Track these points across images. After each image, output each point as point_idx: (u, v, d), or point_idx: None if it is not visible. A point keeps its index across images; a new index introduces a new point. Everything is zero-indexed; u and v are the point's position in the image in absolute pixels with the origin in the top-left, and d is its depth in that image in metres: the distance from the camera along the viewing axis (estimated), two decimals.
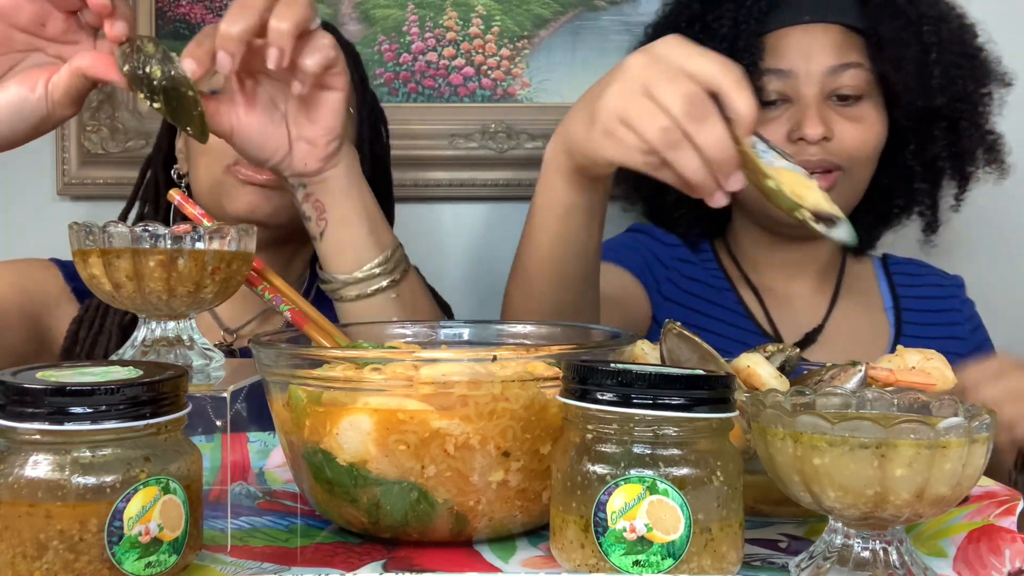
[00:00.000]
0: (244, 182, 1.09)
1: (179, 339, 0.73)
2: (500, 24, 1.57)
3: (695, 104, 0.75)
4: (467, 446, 0.65)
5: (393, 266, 0.95)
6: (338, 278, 0.95)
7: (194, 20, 1.56)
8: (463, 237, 1.61)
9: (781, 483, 0.61)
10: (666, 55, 0.77)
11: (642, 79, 0.76)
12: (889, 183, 1.29)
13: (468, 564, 0.64)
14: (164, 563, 0.56)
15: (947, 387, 0.77)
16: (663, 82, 0.75)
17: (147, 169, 1.26)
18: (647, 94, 0.76)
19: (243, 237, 0.73)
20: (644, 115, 0.76)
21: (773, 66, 1.19)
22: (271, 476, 0.85)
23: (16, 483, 0.53)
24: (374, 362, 0.66)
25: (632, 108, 0.76)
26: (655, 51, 0.77)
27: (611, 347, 0.72)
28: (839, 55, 1.18)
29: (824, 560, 0.60)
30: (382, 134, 1.32)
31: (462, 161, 1.58)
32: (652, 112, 0.75)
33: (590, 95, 0.83)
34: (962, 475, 0.57)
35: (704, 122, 0.75)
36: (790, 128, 1.18)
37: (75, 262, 0.72)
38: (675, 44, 0.78)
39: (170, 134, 1.25)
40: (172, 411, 0.57)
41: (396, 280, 0.95)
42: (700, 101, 0.75)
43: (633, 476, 0.57)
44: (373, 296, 0.95)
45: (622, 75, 0.78)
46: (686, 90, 0.75)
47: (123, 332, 1.17)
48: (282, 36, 0.81)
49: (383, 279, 0.95)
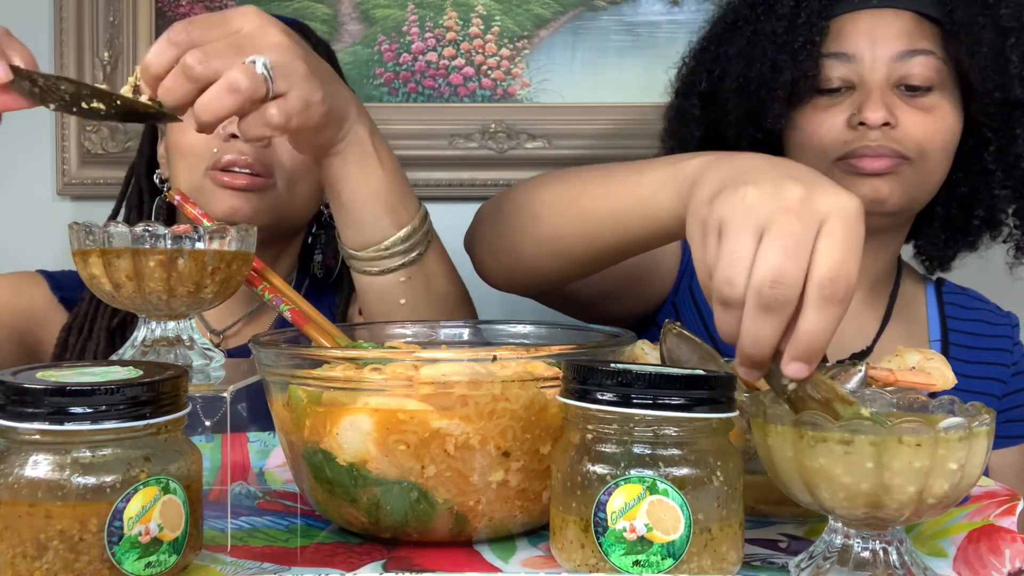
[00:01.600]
0: (223, 186, 1.10)
1: (179, 339, 0.73)
2: (500, 24, 1.58)
3: (776, 288, 0.61)
4: (467, 446, 0.65)
5: (406, 249, 0.91)
6: (346, 249, 0.93)
7: None
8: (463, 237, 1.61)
9: (781, 483, 0.61)
10: (825, 214, 0.63)
11: (774, 215, 0.63)
12: (968, 191, 1.19)
13: (468, 564, 0.64)
14: (164, 563, 0.56)
15: (947, 387, 0.77)
16: (779, 241, 0.62)
17: (131, 175, 1.27)
18: (760, 234, 0.63)
19: (243, 237, 0.73)
20: (732, 253, 0.63)
21: (836, 50, 1.12)
22: (271, 476, 0.85)
23: (16, 483, 0.53)
24: (374, 362, 0.66)
25: (734, 237, 0.64)
26: (819, 199, 0.63)
27: (611, 347, 0.72)
28: (909, 41, 1.11)
29: (824, 560, 0.60)
30: None
31: (462, 161, 1.58)
32: (739, 257, 0.63)
33: (742, 167, 0.70)
34: (962, 474, 0.57)
35: (766, 313, 0.62)
36: (851, 113, 1.10)
37: (75, 262, 0.72)
38: (844, 211, 0.63)
39: (152, 140, 1.26)
40: (172, 411, 0.57)
41: (407, 263, 0.91)
42: (786, 292, 0.61)
43: (633, 476, 0.57)
44: (381, 275, 0.92)
45: (772, 190, 0.64)
46: (785, 269, 0.61)
47: (110, 337, 1.18)
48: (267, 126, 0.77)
49: (391, 261, 0.91)
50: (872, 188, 1.09)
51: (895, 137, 1.09)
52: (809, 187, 0.63)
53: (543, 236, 0.91)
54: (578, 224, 0.88)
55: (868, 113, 1.08)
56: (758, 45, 1.14)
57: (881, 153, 1.09)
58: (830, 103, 1.12)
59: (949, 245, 1.25)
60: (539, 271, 0.94)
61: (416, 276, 0.92)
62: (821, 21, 1.13)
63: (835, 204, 0.62)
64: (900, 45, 1.11)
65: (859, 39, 1.12)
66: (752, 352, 0.62)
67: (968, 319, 1.27)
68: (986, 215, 1.22)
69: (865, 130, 1.09)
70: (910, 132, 1.09)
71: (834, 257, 0.61)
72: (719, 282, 0.63)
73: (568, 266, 0.92)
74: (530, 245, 0.93)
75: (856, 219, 0.62)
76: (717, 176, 0.71)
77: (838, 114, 1.11)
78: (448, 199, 1.60)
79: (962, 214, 1.22)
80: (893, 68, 1.11)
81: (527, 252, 0.94)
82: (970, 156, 1.17)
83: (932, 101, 1.11)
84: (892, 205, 1.11)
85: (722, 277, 0.63)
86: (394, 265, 0.91)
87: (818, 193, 0.63)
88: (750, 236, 0.63)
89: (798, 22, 1.12)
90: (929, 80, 1.11)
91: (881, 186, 1.09)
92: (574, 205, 0.88)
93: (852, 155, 1.09)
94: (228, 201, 1.10)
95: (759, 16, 1.16)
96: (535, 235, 0.92)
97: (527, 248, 0.93)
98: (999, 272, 1.28)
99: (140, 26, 1.56)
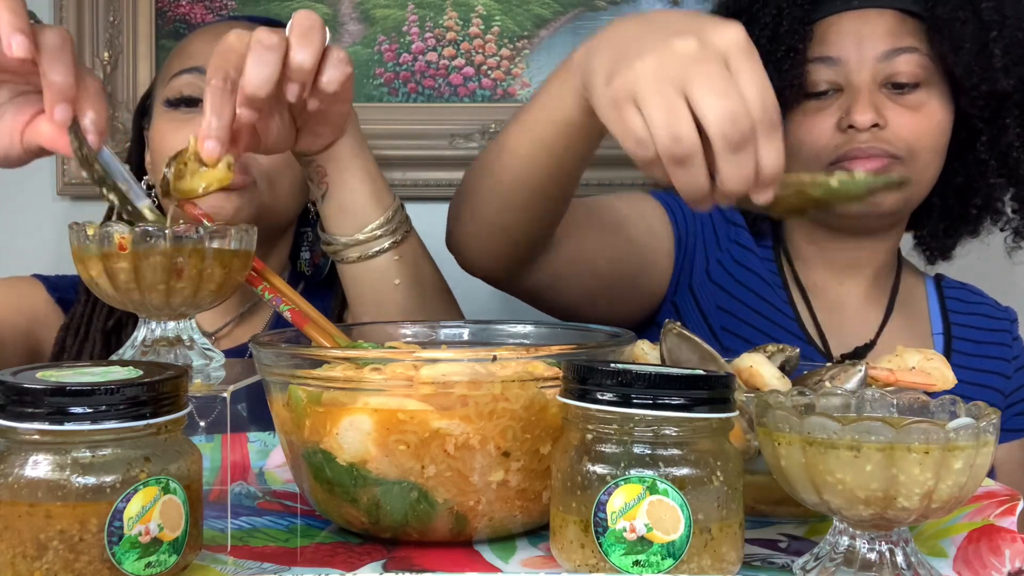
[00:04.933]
0: None
1: (179, 339, 0.73)
2: (500, 24, 1.58)
3: (738, 126, 0.65)
4: (467, 446, 0.65)
5: (395, 227, 0.94)
6: (339, 240, 0.94)
7: (194, 20, 1.56)
8: None
9: (787, 484, 0.61)
10: (724, 52, 0.67)
11: (684, 70, 0.66)
12: (963, 181, 1.19)
13: (468, 564, 0.64)
14: (164, 563, 0.56)
15: (947, 387, 0.77)
16: (709, 87, 0.65)
17: None
18: (682, 90, 0.66)
19: (243, 237, 0.73)
20: (666, 113, 0.66)
21: (821, 54, 1.12)
22: (271, 476, 0.85)
23: (16, 483, 0.53)
24: (374, 362, 0.66)
25: (655, 98, 0.66)
26: (713, 43, 0.67)
27: (611, 347, 0.72)
28: (893, 40, 1.11)
29: (830, 562, 0.60)
30: None
31: (462, 161, 1.58)
32: (675, 114, 0.66)
33: (622, 40, 0.73)
34: (970, 475, 0.58)
35: (740, 152, 0.66)
36: (840, 117, 1.11)
37: (75, 262, 0.72)
38: (737, 44, 0.67)
39: (139, 148, 1.27)
40: (172, 411, 0.57)
41: (398, 241, 0.95)
42: (745, 127, 0.65)
43: (633, 476, 0.57)
44: (375, 257, 0.94)
45: (664, 50, 0.67)
46: (733, 107, 0.65)
47: (106, 338, 1.18)
48: (303, 72, 0.79)
49: (385, 240, 0.94)
50: None
51: (885, 138, 1.10)
52: (695, 34, 0.67)
53: (493, 192, 0.93)
54: (513, 165, 0.89)
55: (856, 116, 1.09)
56: None
57: (872, 154, 1.09)
58: (819, 107, 1.13)
59: (949, 235, 1.26)
60: (506, 231, 0.95)
61: (406, 255, 0.95)
62: (804, 26, 1.13)
63: (726, 40, 0.67)
64: (884, 44, 1.11)
65: (843, 41, 1.12)
66: (737, 188, 0.67)
67: (968, 312, 1.27)
68: (983, 203, 1.22)
69: (855, 132, 1.10)
70: (899, 132, 1.10)
71: (755, 87, 0.66)
72: (668, 141, 0.66)
73: (523, 213, 0.93)
74: (487, 206, 0.94)
75: (748, 45, 0.67)
76: (604, 58, 0.73)
77: (827, 118, 1.12)
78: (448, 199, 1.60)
79: (960, 204, 1.22)
80: (879, 68, 1.11)
81: (487, 213, 0.95)
82: (963, 147, 1.17)
83: (920, 98, 1.12)
84: (888, 205, 1.12)
85: (669, 136, 0.66)
86: (387, 245, 0.94)
87: (706, 35, 0.67)
88: (674, 94, 0.66)
89: (781, 30, 1.13)
90: (916, 76, 1.11)
91: None
92: (503, 151, 0.90)
93: (844, 158, 1.10)
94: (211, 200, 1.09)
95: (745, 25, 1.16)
96: (487, 194, 0.94)
97: (486, 210, 0.95)
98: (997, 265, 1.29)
99: (140, 26, 1.56)
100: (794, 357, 0.83)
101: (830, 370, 0.78)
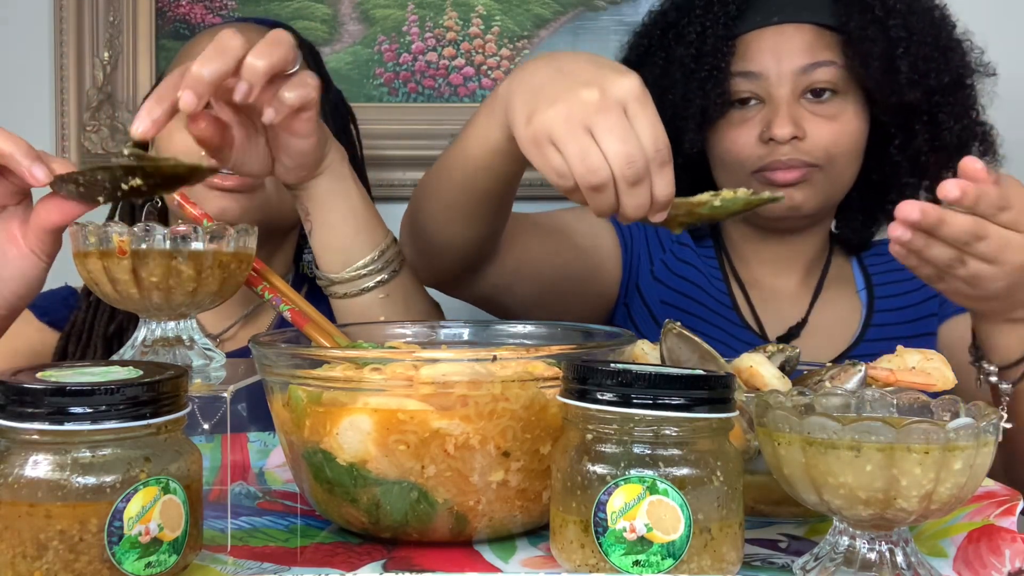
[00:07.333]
0: (212, 187, 1.10)
1: (179, 339, 0.73)
2: (500, 24, 1.57)
3: (634, 167, 0.77)
4: (467, 446, 0.65)
5: (381, 266, 0.96)
6: (326, 275, 0.96)
7: (194, 20, 1.56)
8: None
9: (788, 485, 0.61)
10: (622, 101, 0.78)
11: (589, 117, 0.78)
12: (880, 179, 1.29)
13: (468, 564, 0.64)
14: (164, 563, 0.56)
15: (947, 387, 0.77)
16: (611, 133, 0.77)
17: None
18: (590, 132, 0.78)
19: (243, 237, 0.73)
20: (580, 151, 0.78)
21: (743, 69, 1.19)
22: (271, 476, 0.85)
23: (16, 483, 0.53)
24: (374, 362, 0.66)
25: (569, 139, 0.78)
26: (613, 92, 0.78)
27: (611, 347, 0.72)
28: (811, 54, 1.18)
29: (830, 562, 0.60)
30: (351, 132, 1.32)
31: None
32: (588, 152, 0.78)
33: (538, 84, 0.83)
34: (970, 475, 0.58)
35: (636, 187, 0.78)
36: (761, 129, 1.18)
37: (75, 263, 0.72)
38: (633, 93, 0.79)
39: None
40: (172, 411, 0.57)
41: (384, 280, 0.96)
42: (640, 167, 0.77)
43: (633, 476, 0.57)
44: (361, 295, 0.96)
45: (573, 99, 0.79)
46: (630, 151, 0.77)
47: (107, 344, 1.18)
48: (255, 73, 0.80)
49: (370, 279, 0.96)
50: (788, 197, 1.15)
51: (804, 149, 1.17)
52: (598, 84, 0.79)
53: (436, 211, 1.00)
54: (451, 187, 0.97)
55: (776, 129, 1.16)
56: (669, 75, 1.22)
57: (792, 165, 1.17)
58: (742, 118, 1.20)
59: (867, 226, 1.34)
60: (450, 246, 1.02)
61: (394, 293, 0.97)
62: (726, 42, 1.20)
63: (623, 89, 0.79)
64: (803, 59, 1.18)
65: (764, 56, 1.19)
66: (636, 215, 0.80)
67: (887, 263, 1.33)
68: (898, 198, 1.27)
69: (775, 145, 1.17)
70: (818, 142, 1.17)
71: (648, 131, 0.78)
72: (585, 175, 0.78)
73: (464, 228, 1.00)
74: (431, 224, 1.01)
75: (643, 93, 0.79)
76: (523, 101, 0.83)
77: (750, 130, 1.19)
78: None
79: (877, 199, 1.31)
80: (798, 81, 1.18)
81: (431, 230, 1.01)
82: (879, 149, 1.25)
83: (836, 108, 1.19)
84: (808, 209, 1.20)
85: (585, 170, 0.78)
86: (372, 284, 0.96)
87: (607, 86, 0.79)
88: (583, 135, 0.78)
89: (705, 48, 1.20)
90: (833, 85, 1.19)
91: (795, 194, 1.17)
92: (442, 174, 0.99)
93: (766, 168, 1.18)
94: (217, 202, 1.10)
95: (670, 42, 1.24)
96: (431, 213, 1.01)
97: (430, 227, 1.01)
98: None
99: (140, 26, 1.56)
100: (794, 357, 0.83)
101: (830, 370, 0.78)
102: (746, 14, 1.21)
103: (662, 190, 0.79)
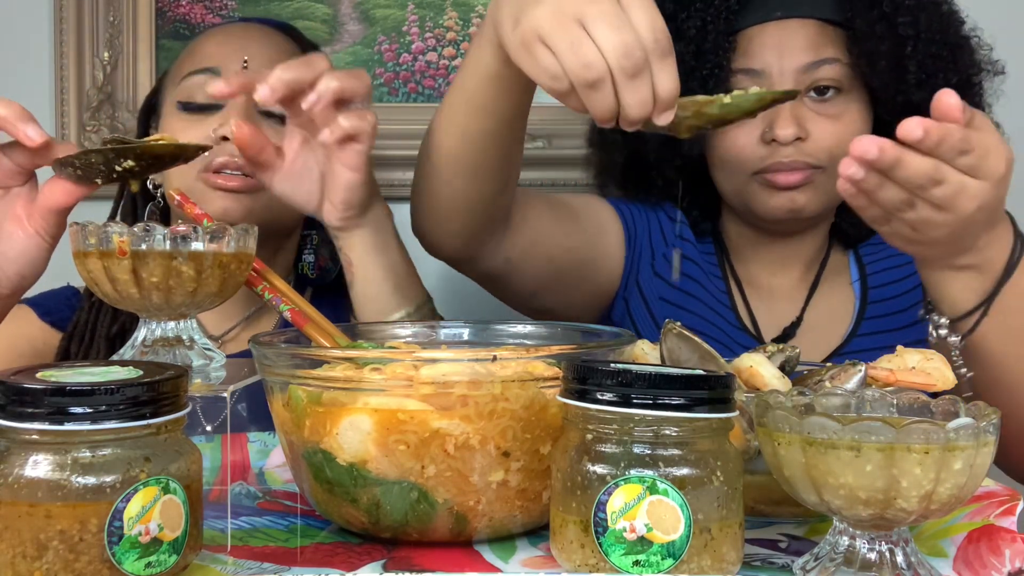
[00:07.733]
0: (216, 188, 1.10)
1: (179, 339, 0.73)
2: None
3: (631, 57, 0.72)
4: (467, 446, 0.65)
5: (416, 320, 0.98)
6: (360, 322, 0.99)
7: (194, 20, 1.56)
8: None
9: (788, 485, 0.61)
10: None
11: (580, 8, 0.73)
12: None
13: (468, 564, 0.64)
14: (164, 563, 0.56)
15: (947, 387, 0.77)
16: (603, 21, 0.73)
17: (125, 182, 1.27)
18: (581, 24, 0.73)
19: (243, 237, 0.73)
20: (571, 45, 0.73)
21: (744, 66, 1.15)
22: (271, 476, 0.85)
23: (16, 483, 0.54)
24: (374, 362, 0.66)
25: (559, 34, 0.74)
26: None
27: (611, 347, 0.72)
28: (814, 51, 1.14)
29: (830, 562, 0.60)
30: None
31: None
32: (580, 44, 0.73)
33: None
34: (970, 475, 0.58)
35: (636, 80, 0.73)
36: (763, 129, 1.14)
37: (75, 263, 0.72)
38: None
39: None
40: (172, 411, 0.57)
41: None
42: (639, 57, 0.73)
43: (633, 476, 0.57)
44: None
45: None
46: (626, 39, 0.72)
47: (110, 344, 1.19)
48: (326, 88, 0.87)
49: None
50: (789, 199, 1.14)
51: (807, 150, 1.13)
52: None
53: (441, 161, 0.98)
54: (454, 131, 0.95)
55: (779, 130, 1.12)
56: None
57: (794, 167, 1.13)
58: None
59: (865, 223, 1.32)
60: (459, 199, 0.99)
61: None
62: (727, 37, 1.16)
63: None
64: (807, 56, 1.14)
65: (766, 53, 1.15)
66: (639, 114, 0.75)
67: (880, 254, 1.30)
68: None
69: (778, 146, 1.13)
70: (820, 143, 1.13)
71: (645, 19, 0.73)
72: (578, 70, 0.73)
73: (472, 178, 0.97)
74: (438, 176, 0.99)
75: None
76: (508, 9, 0.80)
77: (752, 130, 1.14)
78: None
79: None
80: (801, 79, 1.14)
81: (439, 184, 0.99)
82: None
83: (840, 107, 1.15)
84: (810, 212, 1.17)
85: (579, 64, 0.73)
86: None
87: None
88: (574, 27, 0.73)
89: (705, 44, 1.16)
90: (837, 83, 1.15)
91: (797, 197, 1.14)
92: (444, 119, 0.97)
93: (768, 170, 1.14)
94: (221, 202, 1.11)
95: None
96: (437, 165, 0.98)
97: (437, 181, 0.99)
98: None
99: (140, 26, 1.56)
100: (794, 357, 0.83)
101: (830, 370, 0.78)
102: (747, 8, 1.17)
103: (665, 84, 0.74)
